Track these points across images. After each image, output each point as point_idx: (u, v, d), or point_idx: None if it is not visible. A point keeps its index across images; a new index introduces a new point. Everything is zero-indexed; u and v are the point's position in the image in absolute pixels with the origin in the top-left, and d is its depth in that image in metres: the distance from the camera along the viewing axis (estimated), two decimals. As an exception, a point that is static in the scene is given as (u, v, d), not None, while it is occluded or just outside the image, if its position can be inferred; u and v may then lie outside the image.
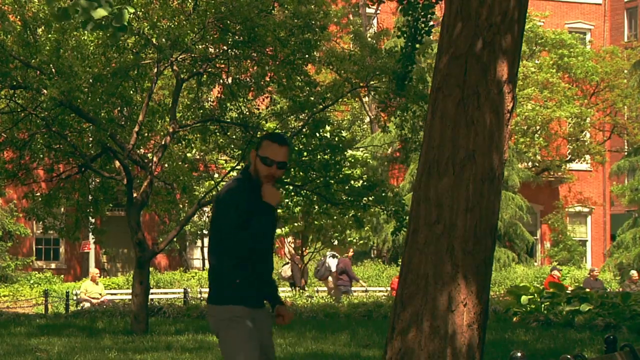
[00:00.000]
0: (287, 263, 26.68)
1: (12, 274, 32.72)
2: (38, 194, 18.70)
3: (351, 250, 27.97)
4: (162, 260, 36.93)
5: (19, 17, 15.68)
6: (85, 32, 14.80)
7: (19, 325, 16.97)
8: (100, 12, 5.74)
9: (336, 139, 18.39)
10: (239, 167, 17.83)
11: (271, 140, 5.97)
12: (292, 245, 27.53)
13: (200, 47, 16.13)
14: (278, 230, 24.86)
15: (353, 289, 26.78)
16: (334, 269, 25.62)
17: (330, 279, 25.85)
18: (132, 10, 5.88)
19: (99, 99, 15.76)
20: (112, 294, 27.89)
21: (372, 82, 17.21)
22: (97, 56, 15.96)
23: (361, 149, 29.37)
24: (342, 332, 15.06)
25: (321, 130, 17.80)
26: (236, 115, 17.29)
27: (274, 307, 6.08)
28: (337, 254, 26.55)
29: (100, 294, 25.31)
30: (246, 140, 17.18)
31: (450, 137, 6.32)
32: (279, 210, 5.88)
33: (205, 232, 34.38)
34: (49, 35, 15.59)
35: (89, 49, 15.87)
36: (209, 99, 19.66)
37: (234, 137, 18.06)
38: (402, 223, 17.69)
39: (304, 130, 17.45)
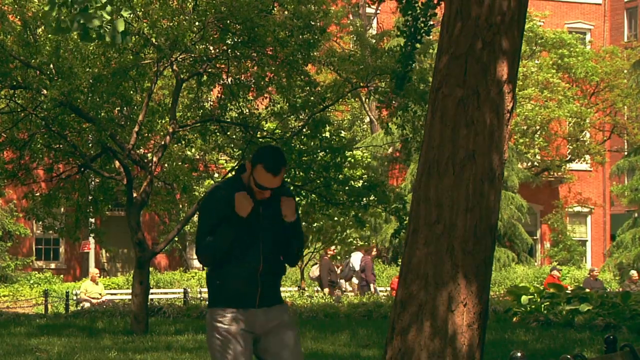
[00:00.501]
0: (316, 264, 26.63)
1: (12, 274, 32.71)
2: (38, 194, 18.67)
3: (374, 249, 27.76)
4: (162, 260, 36.92)
5: (19, 17, 15.67)
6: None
7: (19, 325, 16.96)
8: (95, 22, 5.77)
9: (336, 139, 18.37)
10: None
11: (266, 169, 5.64)
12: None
13: (200, 47, 16.12)
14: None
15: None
16: (357, 268, 25.51)
17: (354, 279, 25.79)
18: (126, 15, 5.91)
19: (99, 99, 15.76)
20: (112, 294, 27.89)
21: (372, 82, 17.19)
22: (97, 56, 15.95)
23: (361, 149, 29.33)
24: (342, 332, 15.04)
25: (321, 130, 17.77)
26: (236, 115, 17.28)
27: None
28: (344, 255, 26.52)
29: (100, 294, 25.32)
30: (246, 140, 17.18)
31: (450, 137, 6.32)
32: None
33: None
34: (49, 36, 15.58)
35: (89, 49, 15.86)
36: (209, 99, 19.65)
37: (234, 137, 18.05)
38: (402, 224, 17.67)
39: (304, 130, 17.43)
